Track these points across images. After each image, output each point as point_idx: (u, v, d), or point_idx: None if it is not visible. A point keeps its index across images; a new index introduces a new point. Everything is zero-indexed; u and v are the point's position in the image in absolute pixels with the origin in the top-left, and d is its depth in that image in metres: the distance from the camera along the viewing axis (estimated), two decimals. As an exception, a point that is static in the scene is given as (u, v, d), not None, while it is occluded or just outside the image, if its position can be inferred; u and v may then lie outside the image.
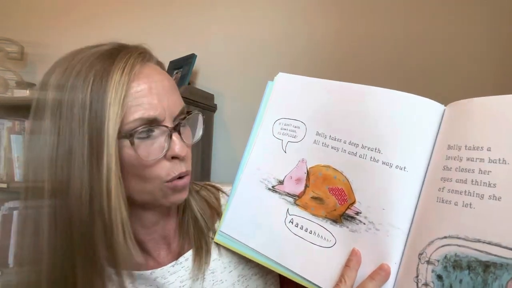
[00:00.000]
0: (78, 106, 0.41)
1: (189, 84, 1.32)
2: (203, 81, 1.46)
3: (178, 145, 0.45)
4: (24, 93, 1.60)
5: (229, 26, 1.42)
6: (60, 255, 0.42)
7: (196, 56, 1.32)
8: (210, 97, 1.43)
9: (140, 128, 0.42)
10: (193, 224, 0.54)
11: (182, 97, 0.49)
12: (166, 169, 0.45)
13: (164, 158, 0.45)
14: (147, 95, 0.43)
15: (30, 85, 1.66)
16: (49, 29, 1.78)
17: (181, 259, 0.52)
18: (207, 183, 0.63)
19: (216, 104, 1.42)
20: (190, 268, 0.52)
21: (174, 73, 1.39)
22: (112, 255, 0.43)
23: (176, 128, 0.45)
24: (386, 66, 1.19)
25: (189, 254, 0.53)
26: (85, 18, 1.71)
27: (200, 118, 0.52)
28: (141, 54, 0.46)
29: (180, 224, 0.54)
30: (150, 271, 0.50)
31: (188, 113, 0.49)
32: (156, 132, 0.44)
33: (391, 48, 1.18)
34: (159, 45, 0.53)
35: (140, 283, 0.50)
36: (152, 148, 0.43)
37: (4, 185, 1.47)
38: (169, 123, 0.45)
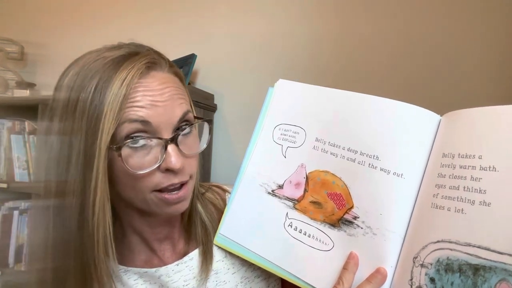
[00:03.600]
0: (79, 113, 0.43)
1: (189, 84, 1.35)
2: (203, 81, 1.49)
3: (173, 157, 0.44)
4: (24, 93, 1.64)
5: (229, 26, 1.45)
6: (60, 254, 0.45)
7: (196, 56, 1.34)
8: (210, 97, 1.45)
9: (129, 140, 0.43)
10: (201, 227, 0.56)
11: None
12: (157, 180, 0.45)
13: (158, 170, 0.45)
14: (141, 105, 0.43)
15: (30, 85, 1.70)
16: (49, 29, 1.81)
17: (186, 258, 0.55)
18: (213, 184, 0.66)
19: (216, 104, 1.45)
20: (195, 268, 0.54)
21: (174, 73, 1.41)
22: (92, 263, 0.45)
23: (174, 139, 0.45)
24: (387, 67, 1.22)
25: (193, 254, 0.55)
26: (85, 18, 1.74)
27: (206, 127, 0.52)
28: (146, 64, 0.46)
29: (187, 228, 0.56)
30: (154, 269, 0.53)
31: (196, 119, 0.49)
32: (153, 142, 0.44)
33: (392, 50, 1.21)
34: (159, 45, 0.55)
35: (145, 280, 0.53)
36: (146, 159, 0.44)
37: (4, 185, 1.50)
38: (165, 134, 0.44)
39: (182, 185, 0.47)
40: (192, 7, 1.51)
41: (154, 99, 0.44)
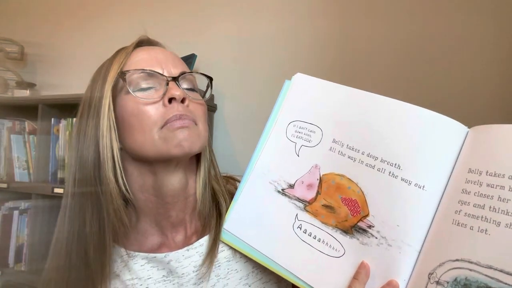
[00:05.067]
0: (94, 92, 0.52)
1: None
2: (203, 81, 1.47)
3: (174, 88, 0.51)
4: (24, 93, 1.68)
5: (230, 26, 1.45)
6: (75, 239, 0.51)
7: (196, 56, 1.34)
8: (210, 97, 1.45)
9: (134, 71, 0.51)
10: (216, 214, 0.58)
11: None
12: (162, 113, 0.50)
13: (162, 103, 0.51)
14: (145, 57, 0.53)
15: (30, 85, 1.74)
16: (49, 29, 1.84)
17: (196, 244, 0.55)
18: (228, 176, 0.67)
19: (216, 104, 1.46)
20: (204, 255, 0.55)
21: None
22: (104, 198, 0.50)
23: (175, 79, 0.52)
24: (390, 67, 1.21)
25: (204, 240, 0.56)
26: (85, 18, 1.75)
27: (208, 84, 0.61)
28: (144, 39, 0.58)
29: (202, 213, 0.57)
30: (164, 254, 0.53)
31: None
32: (157, 86, 0.52)
33: (396, 49, 1.21)
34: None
35: (152, 266, 0.53)
36: (152, 96, 0.51)
37: (4, 185, 1.53)
38: (166, 75, 0.52)
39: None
40: (192, 7, 1.52)
41: (157, 56, 0.54)
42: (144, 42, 0.58)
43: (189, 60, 1.34)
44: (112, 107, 0.51)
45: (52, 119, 1.50)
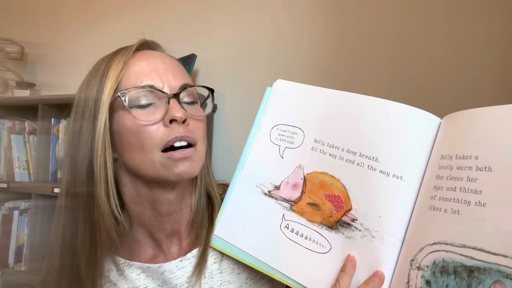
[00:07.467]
0: (89, 96, 0.52)
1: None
2: (203, 81, 1.52)
3: (175, 108, 0.51)
4: (24, 93, 1.73)
5: (229, 27, 1.50)
6: (68, 246, 0.53)
7: (196, 56, 1.39)
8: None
9: (133, 89, 0.50)
10: (208, 223, 0.60)
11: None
12: (163, 135, 0.50)
13: (162, 124, 0.51)
14: (145, 67, 0.52)
15: (30, 85, 1.79)
16: (49, 29, 1.90)
17: (189, 255, 0.58)
18: (225, 184, 0.69)
19: (216, 104, 1.49)
20: (195, 266, 0.57)
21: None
22: (97, 219, 0.51)
23: (176, 96, 0.52)
24: (386, 70, 1.25)
25: (196, 251, 0.58)
26: (85, 18, 1.81)
27: (209, 97, 0.61)
28: (143, 43, 0.57)
29: (193, 222, 0.60)
30: (158, 265, 0.56)
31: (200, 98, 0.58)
32: (157, 102, 0.51)
33: (392, 52, 1.25)
34: (159, 45, 0.61)
35: (147, 276, 0.56)
36: (152, 115, 0.51)
37: (4, 185, 1.57)
38: (167, 92, 0.52)
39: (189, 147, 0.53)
40: (193, 7, 1.57)
41: (157, 66, 0.53)
42: (143, 46, 0.58)
43: (189, 60, 1.37)
44: (108, 124, 0.51)
45: (52, 119, 1.55)
